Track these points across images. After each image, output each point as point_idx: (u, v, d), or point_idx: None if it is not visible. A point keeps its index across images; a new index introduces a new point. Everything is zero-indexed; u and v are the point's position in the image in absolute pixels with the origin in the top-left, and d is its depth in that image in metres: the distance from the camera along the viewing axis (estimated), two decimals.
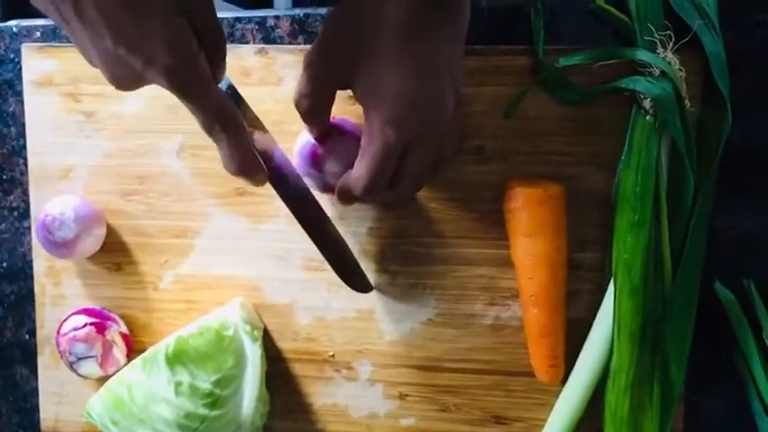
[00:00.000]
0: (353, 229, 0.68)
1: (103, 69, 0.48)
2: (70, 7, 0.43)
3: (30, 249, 0.73)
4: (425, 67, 0.52)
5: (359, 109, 0.56)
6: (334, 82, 0.55)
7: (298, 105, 0.57)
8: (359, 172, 0.55)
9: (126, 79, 0.48)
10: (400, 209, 0.67)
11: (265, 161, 0.55)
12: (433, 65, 0.52)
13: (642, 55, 0.60)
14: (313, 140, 0.61)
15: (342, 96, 0.59)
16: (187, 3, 0.46)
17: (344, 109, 0.64)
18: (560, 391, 0.65)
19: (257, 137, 0.57)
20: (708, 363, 0.65)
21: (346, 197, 0.58)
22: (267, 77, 0.67)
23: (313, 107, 0.57)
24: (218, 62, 0.51)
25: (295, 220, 0.61)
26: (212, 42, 0.49)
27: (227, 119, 0.51)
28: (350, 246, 0.66)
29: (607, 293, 0.63)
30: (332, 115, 0.59)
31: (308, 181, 0.62)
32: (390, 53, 0.51)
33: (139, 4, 0.44)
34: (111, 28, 0.44)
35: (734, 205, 0.64)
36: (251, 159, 0.53)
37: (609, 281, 0.62)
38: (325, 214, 0.63)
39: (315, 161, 0.61)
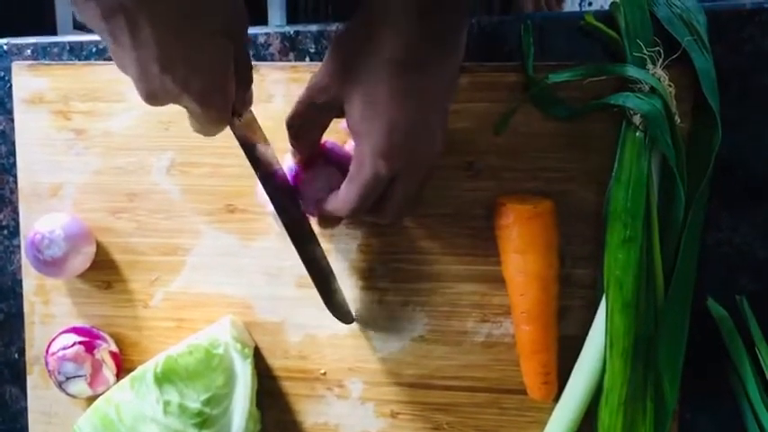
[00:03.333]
0: (343, 245, 0.67)
1: (140, 86, 0.49)
2: (125, 29, 0.45)
3: (20, 268, 0.73)
4: (420, 100, 0.52)
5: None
6: (328, 107, 0.55)
7: (289, 125, 0.58)
8: (346, 196, 0.56)
9: (158, 98, 0.49)
10: (390, 227, 0.66)
11: (267, 175, 0.59)
12: (427, 99, 0.53)
13: (632, 71, 0.60)
14: (295, 165, 0.61)
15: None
16: (231, 31, 0.49)
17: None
18: (553, 408, 0.65)
19: (260, 149, 0.59)
20: (701, 379, 0.64)
21: (328, 220, 0.59)
22: (257, 94, 0.66)
23: (303, 130, 0.58)
24: (244, 87, 0.54)
25: (285, 238, 0.61)
26: (243, 70, 0.53)
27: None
28: (340, 262, 0.66)
29: (599, 310, 0.62)
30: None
31: None
32: (387, 84, 0.51)
33: (194, 33, 0.46)
34: (162, 53, 0.46)
35: (725, 221, 0.64)
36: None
37: (601, 297, 0.62)
38: (315, 237, 0.64)
39: (295, 186, 0.62)
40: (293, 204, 0.62)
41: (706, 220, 0.62)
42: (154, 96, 0.49)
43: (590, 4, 2.28)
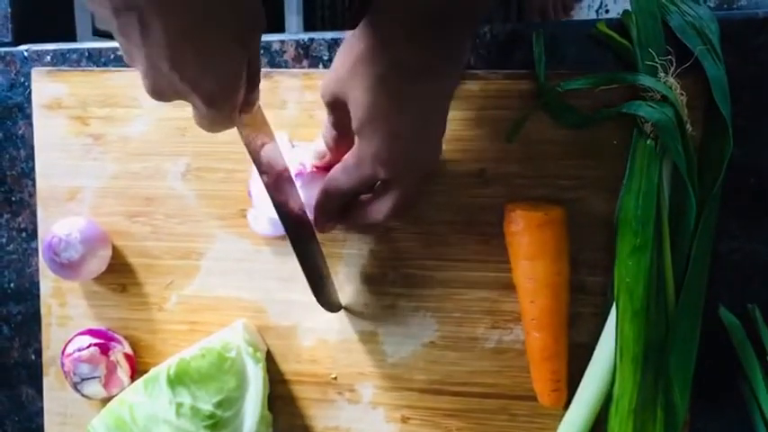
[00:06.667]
0: (355, 251, 0.68)
1: (146, 82, 0.48)
2: (136, 26, 0.43)
3: (37, 270, 0.74)
4: (423, 107, 0.53)
5: None
6: (334, 107, 0.56)
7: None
8: (337, 178, 0.58)
9: (165, 94, 0.49)
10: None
11: (269, 170, 0.58)
12: (430, 106, 0.54)
13: (643, 80, 0.60)
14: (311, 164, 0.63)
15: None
16: (245, 37, 0.47)
17: None
18: (563, 415, 0.65)
19: (266, 149, 0.59)
20: (712, 388, 0.64)
21: (323, 218, 0.61)
22: (271, 101, 0.67)
23: (334, 135, 0.59)
24: (252, 89, 0.53)
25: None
26: (253, 73, 0.51)
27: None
28: (352, 267, 0.68)
29: (609, 317, 0.62)
30: None
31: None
32: (393, 90, 0.51)
33: (207, 37, 0.45)
34: (173, 53, 0.45)
35: (737, 229, 0.64)
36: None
37: (611, 305, 0.62)
38: (315, 236, 0.65)
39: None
40: (294, 202, 0.62)
41: (718, 229, 0.62)
42: (160, 93, 0.49)
43: (606, 11, 2.27)
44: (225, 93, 0.49)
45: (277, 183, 0.59)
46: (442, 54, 0.52)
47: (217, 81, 0.48)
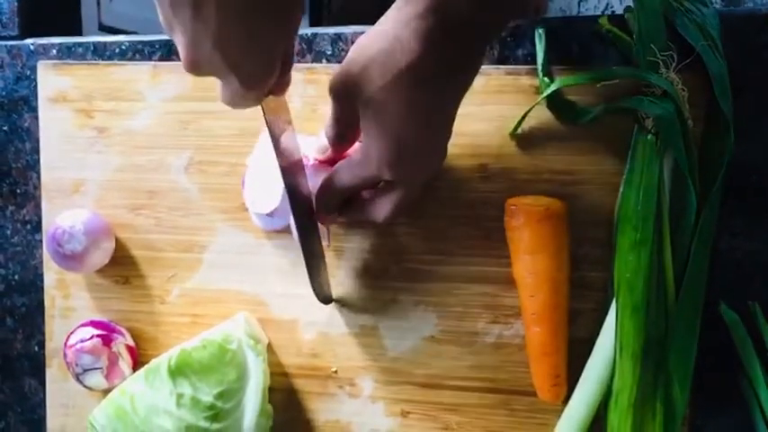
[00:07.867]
0: (357, 245, 0.68)
1: (186, 53, 0.47)
2: (188, 6, 0.44)
3: (41, 262, 0.75)
4: (433, 115, 0.53)
5: None
6: (348, 106, 0.56)
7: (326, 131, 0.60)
8: (341, 175, 0.58)
9: (203, 69, 0.49)
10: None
11: (286, 153, 0.59)
12: (440, 113, 0.54)
13: (645, 75, 0.60)
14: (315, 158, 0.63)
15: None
16: (289, 22, 0.49)
17: None
18: (563, 410, 0.65)
19: (286, 134, 0.60)
20: (712, 385, 0.64)
21: (325, 210, 0.61)
22: None
23: (337, 130, 0.59)
24: (286, 71, 0.54)
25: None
26: (289, 55, 0.54)
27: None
28: (354, 261, 0.68)
29: (609, 313, 0.62)
30: None
31: None
32: (405, 96, 0.51)
33: (255, 21, 0.46)
34: (220, 35, 0.45)
35: (738, 226, 0.64)
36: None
37: (611, 300, 0.62)
38: (317, 229, 0.65)
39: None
40: (305, 188, 0.63)
41: (719, 227, 0.62)
42: (197, 67, 0.48)
43: (613, 12, 2.27)
44: (263, 75, 0.50)
45: (292, 167, 0.60)
46: (458, 62, 0.52)
47: (257, 63, 0.49)
